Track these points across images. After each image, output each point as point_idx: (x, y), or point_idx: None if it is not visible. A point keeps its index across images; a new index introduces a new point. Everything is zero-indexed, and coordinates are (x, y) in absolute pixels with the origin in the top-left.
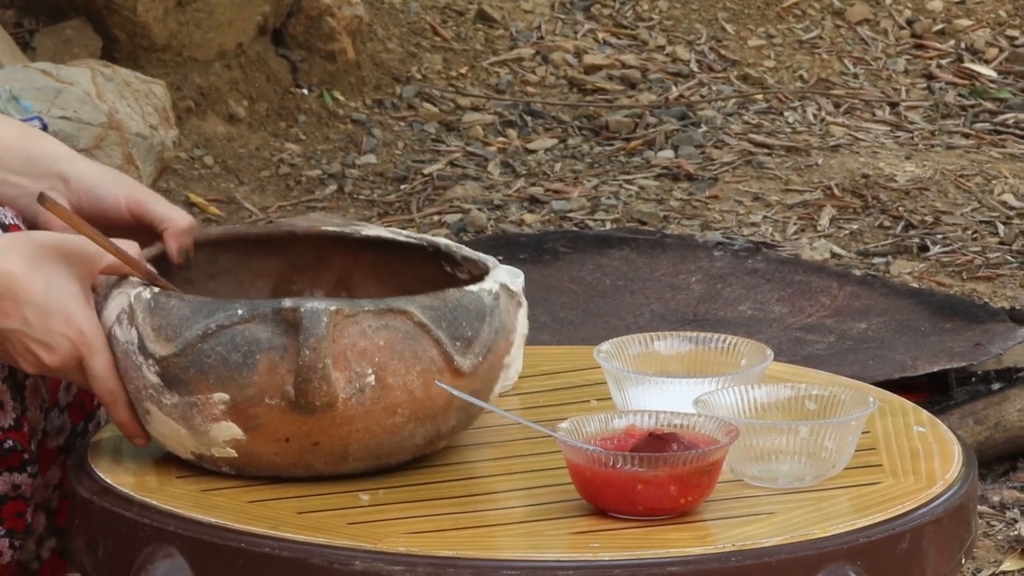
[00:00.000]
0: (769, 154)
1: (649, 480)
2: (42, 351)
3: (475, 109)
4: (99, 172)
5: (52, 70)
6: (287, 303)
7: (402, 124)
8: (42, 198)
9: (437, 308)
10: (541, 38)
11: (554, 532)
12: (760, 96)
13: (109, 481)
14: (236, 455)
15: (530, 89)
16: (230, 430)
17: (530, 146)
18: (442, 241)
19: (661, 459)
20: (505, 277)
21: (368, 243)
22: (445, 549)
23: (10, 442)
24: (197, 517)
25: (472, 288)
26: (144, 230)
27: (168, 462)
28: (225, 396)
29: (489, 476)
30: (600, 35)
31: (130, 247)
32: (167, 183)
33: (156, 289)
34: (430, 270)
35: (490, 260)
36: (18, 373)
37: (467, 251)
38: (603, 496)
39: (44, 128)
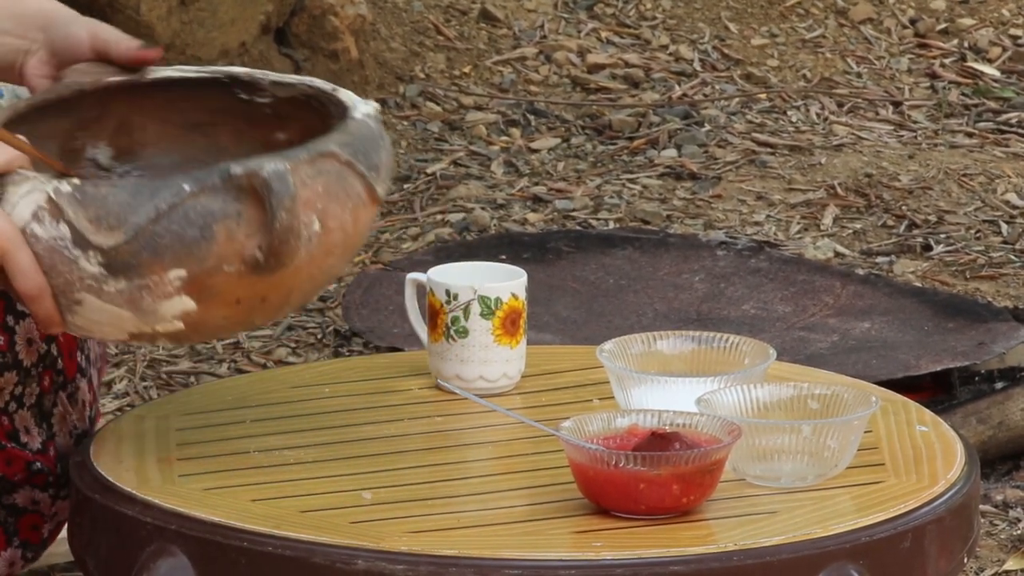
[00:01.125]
0: (772, 153)
1: (651, 479)
2: None
3: (478, 108)
4: (75, 16)
5: None
6: (236, 169)
7: (405, 123)
8: None
9: (352, 143)
10: (544, 37)
11: (556, 531)
12: (763, 95)
13: (111, 480)
14: (182, 327)
15: (533, 88)
16: (182, 304)
17: (533, 145)
18: (241, 70)
19: (663, 458)
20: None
21: (155, 86)
22: (447, 548)
23: (38, 464)
24: (200, 516)
25: (357, 116)
26: (104, 62)
27: (171, 461)
28: (182, 272)
29: (491, 475)
30: (603, 34)
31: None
32: None
33: (75, 181)
34: (223, 102)
35: (310, 81)
36: (45, 401)
37: (273, 75)
38: (605, 495)
39: None
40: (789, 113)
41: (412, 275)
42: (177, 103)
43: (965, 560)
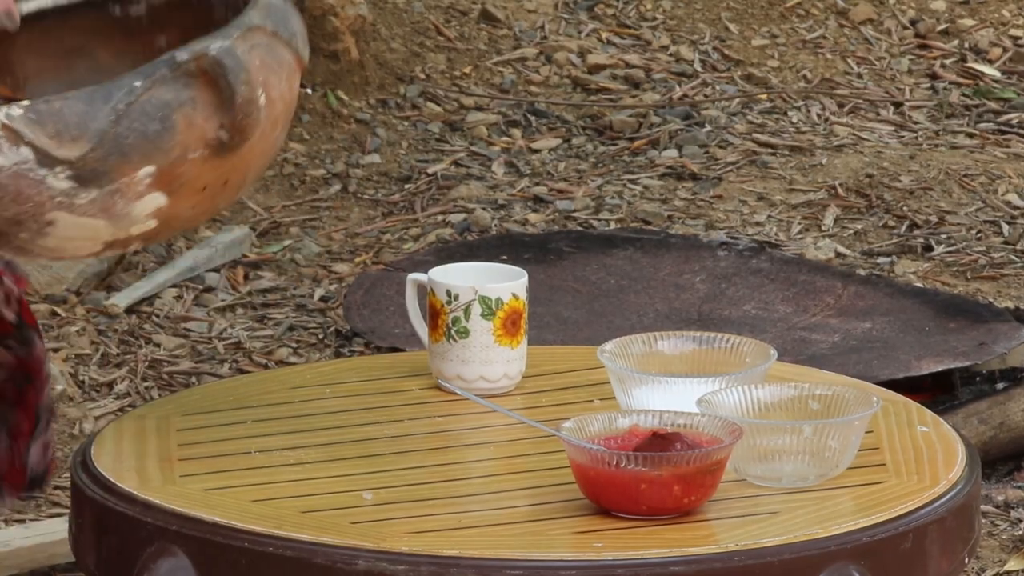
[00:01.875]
0: (773, 154)
1: (653, 480)
2: None
3: (479, 109)
4: None
5: None
6: (182, 55)
7: (406, 124)
8: None
9: (271, 15)
10: (545, 38)
11: (557, 531)
12: (764, 96)
13: (112, 480)
14: (155, 225)
15: (534, 89)
16: (154, 200)
17: (534, 146)
18: None
19: (665, 459)
20: None
21: (25, 20)
22: (448, 548)
23: None
24: (200, 516)
25: None
26: None
27: (172, 461)
28: (151, 168)
29: (492, 475)
30: (604, 35)
31: None
32: None
33: (24, 102)
34: (97, 21)
35: None
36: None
37: None
38: (607, 495)
39: None
40: (790, 114)
41: (413, 275)
42: (51, 32)
43: (966, 560)
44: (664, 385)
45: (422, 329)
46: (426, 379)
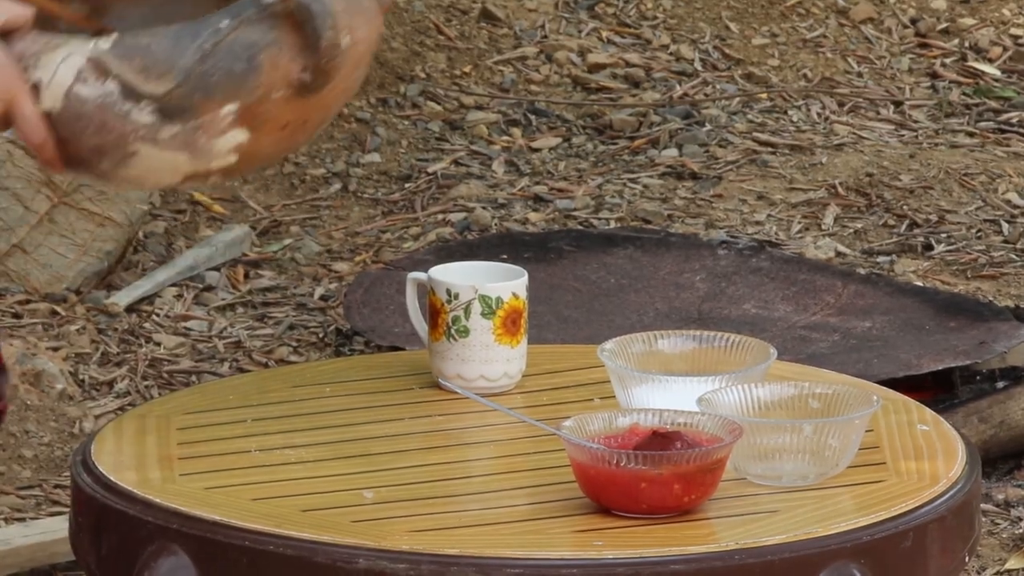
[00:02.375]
0: (773, 153)
1: (653, 478)
2: None
3: (479, 108)
4: None
5: None
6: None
7: (406, 123)
8: None
9: None
10: (545, 37)
11: (558, 530)
12: (764, 95)
13: (112, 478)
14: (235, 159)
15: (534, 88)
16: (236, 137)
17: (534, 145)
18: None
19: (665, 457)
20: None
21: None
22: (449, 547)
23: None
24: (201, 515)
25: None
26: None
27: (172, 460)
28: (234, 106)
29: (492, 474)
30: (604, 34)
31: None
32: None
33: (112, 36)
34: None
35: None
36: None
37: None
38: (607, 494)
39: None
40: (790, 113)
41: (413, 274)
42: None
43: (966, 559)
44: (664, 384)
45: (422, 328)
46: (426, 378)
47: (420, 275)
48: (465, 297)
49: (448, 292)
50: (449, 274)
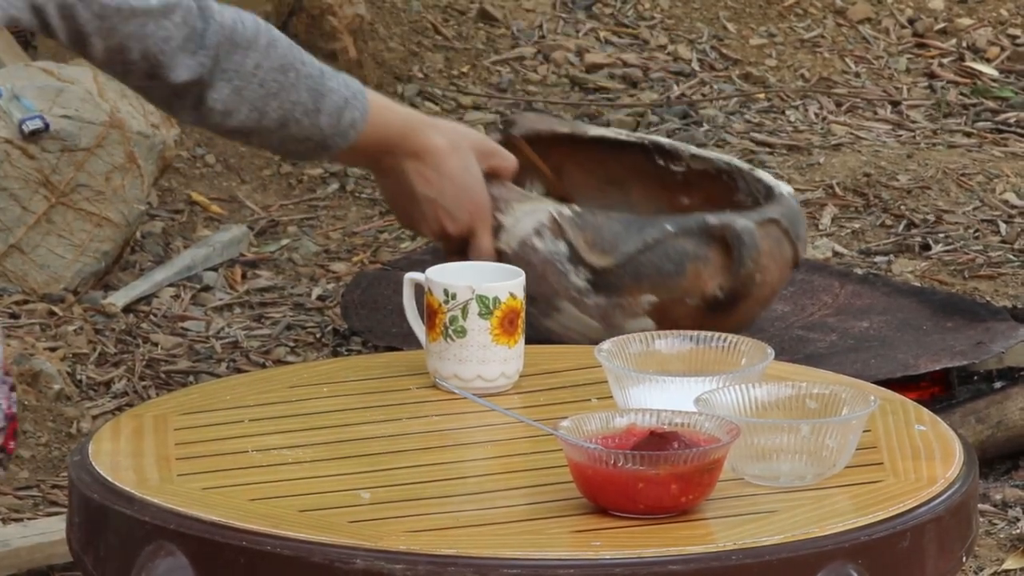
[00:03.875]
0: (771, 153)
1: (650, 478)
2: (447, 220)
3: (477, 108)
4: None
5: (54, 69)
6: (712, 220)
7: None
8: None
9: (788, 215)
10: (543, 37)
11: (555, 530)
12: (762, 95)
13: (110, 479)
14: None
15: (532, 88)
16: (643, 324)
17: None
18: (664, 140)
19: (662, 458)
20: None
21: (588, 141)
22: (446, 547)
23: None
24: (199, 515)
25: (784, 192)
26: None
27: (170, 460)
28: (653, 298)
29: (489, 475)
30: (602, 34)
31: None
32: (169, 182)
33: (574, 207)
34: (641, 163)
35: (728, 158)
36: None
37: (693, 149)
38: (604, 494)
39: (46, 127)
40: (787, 113)
41: (410, 275)
42: (602, 160)
43: (964, 559)
44: (661, 384)
45: (419, 328)
46: (423, 378)
47: (417, 275)
48: (462, 297)
49: (445, 292)
50: (446, 274)
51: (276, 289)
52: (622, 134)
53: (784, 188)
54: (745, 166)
